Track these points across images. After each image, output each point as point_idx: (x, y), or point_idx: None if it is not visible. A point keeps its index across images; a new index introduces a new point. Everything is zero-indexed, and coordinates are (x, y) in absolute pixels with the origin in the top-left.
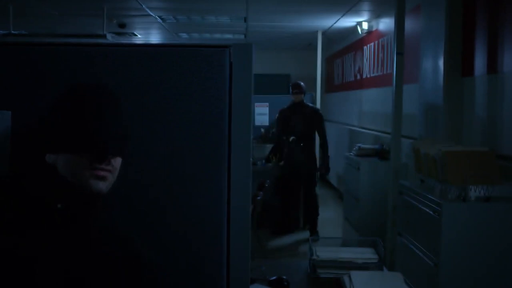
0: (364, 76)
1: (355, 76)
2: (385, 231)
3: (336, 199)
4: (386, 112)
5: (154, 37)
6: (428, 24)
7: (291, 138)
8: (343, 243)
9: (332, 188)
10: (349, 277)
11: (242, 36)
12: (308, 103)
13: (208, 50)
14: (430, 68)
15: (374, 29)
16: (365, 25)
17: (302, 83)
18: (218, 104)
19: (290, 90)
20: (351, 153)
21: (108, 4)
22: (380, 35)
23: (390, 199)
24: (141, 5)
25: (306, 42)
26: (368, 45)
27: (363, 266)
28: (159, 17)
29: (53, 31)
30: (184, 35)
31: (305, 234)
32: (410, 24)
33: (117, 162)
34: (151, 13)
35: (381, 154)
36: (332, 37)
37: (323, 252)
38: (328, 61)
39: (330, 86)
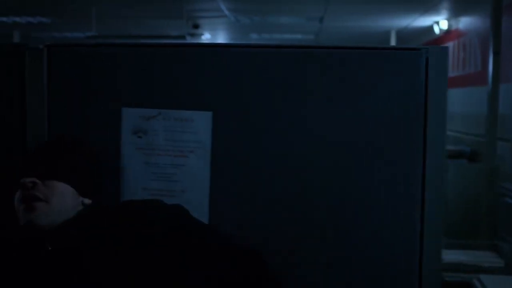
0: None
1: None
2: (478, 235)
3: None
4: (468, 112)
5: (223, 38)
6: None
7: None
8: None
9: None
10: (479, 280)
11: (312, 37)
12: None
13: (403, 53)
14: None
15: (453, 28)
16: (444, 24)
17: None
18: (413, 105)
19: None
20: None
21: (187, 6)
22: (460, 34)
23: (485, 202)
24: (219, 5)
25: (378, 42)
26: (447, 45)
27: (489, 270)
28: (235, 17)
29: (134, 33)
30: (255, 36)
31: None
32: (504, 22)
33: (55, 186)
34: (227, 13)
35: (471, 156)
36: (405, 37)
37: (444, 255)
38: None
39: None
